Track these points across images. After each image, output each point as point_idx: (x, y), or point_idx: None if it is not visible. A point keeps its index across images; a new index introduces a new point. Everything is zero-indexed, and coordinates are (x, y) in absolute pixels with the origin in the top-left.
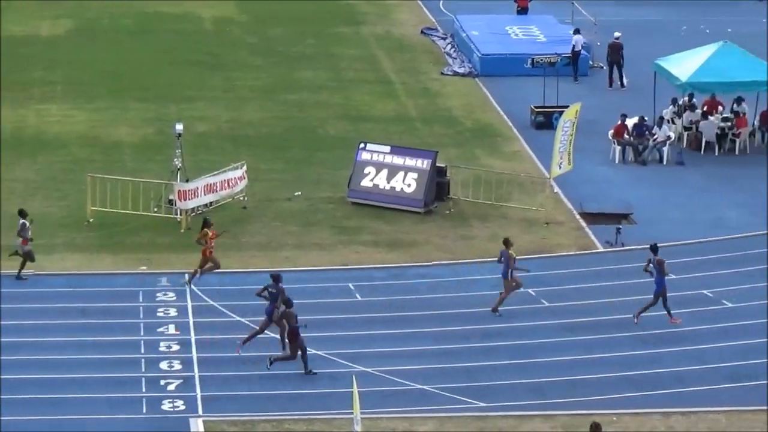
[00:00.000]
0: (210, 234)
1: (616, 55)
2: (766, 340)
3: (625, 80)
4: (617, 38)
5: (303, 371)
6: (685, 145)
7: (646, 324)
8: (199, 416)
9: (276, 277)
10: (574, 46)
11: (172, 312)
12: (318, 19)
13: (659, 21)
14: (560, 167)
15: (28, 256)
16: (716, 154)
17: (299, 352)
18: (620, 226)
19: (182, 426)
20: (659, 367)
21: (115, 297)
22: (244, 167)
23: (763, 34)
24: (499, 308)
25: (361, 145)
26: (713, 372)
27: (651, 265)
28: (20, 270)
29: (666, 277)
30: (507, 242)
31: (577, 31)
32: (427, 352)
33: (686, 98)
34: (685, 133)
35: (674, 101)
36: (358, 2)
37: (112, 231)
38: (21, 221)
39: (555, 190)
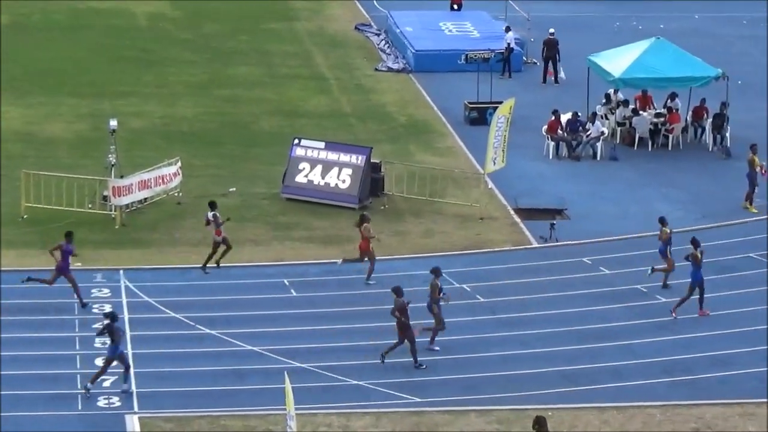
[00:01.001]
0: (371, 229)
1: (551, 50)
2: (699, 334)
3: (562, 74)
4: (552, 34)
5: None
6: (618, 141)
7: (581, 319)
8: (135, 412)
9: (435, 271)
10: (509, 43)
11: (108, 308)
12: (252, 15)
13: (592, 17)
14: (494, 163)
15: (225, 244)
16: (649, 149)
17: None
18: (554, 222)
19: (118, 422)
20: (594, 362)
21: (50, 293)
22: (179, 163)
23: (694, 30)
24: (668, 282)
25: (296, 141)
26: (648, 367)
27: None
28: (220, 257)
29: (700, 270)
30: (662, 220)
31: (508, 29)
32: (363, 347)
33: (611, 92)
34: (619, 129)
35: (607, 97)
36: None
37: (47, 227)
38: (212, 212)
39: (489, 186)
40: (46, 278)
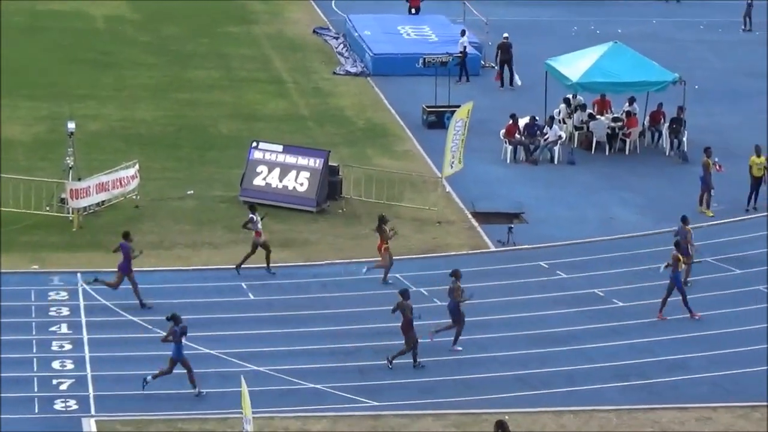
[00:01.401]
0: (388, 231)
1: (505, 54)
2: (655, 339)
3: (517, 80)
4: (506, 38)
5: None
6: (576, 145)
7: (538, 323)
8: (92, 416)
9: (455, 273)
10: (465, 47)
11: (65, 311)
12: (211, 18)
13: (550, 21)
14: (452, 166)
15: (264, 247)
16: (607, 153)
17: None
18: (512, 226)
19: (75, 425)
20: (550, 366)
21: (6, 296)
22: (137, 166)
23: (652, 34)
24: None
25: (254, 144)
26: (603, 371)
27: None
28: (268, 263)
29: (677, 273)
30: (684, 219)
31: (462, 33)
32: (320, 351)
33: (571, 96)
34: (576, 133)
35: (567, 101)
36: (251, 1)
37: (4, 230)
38: (249, 215)
39: (447, 190)
40: (111, 281)
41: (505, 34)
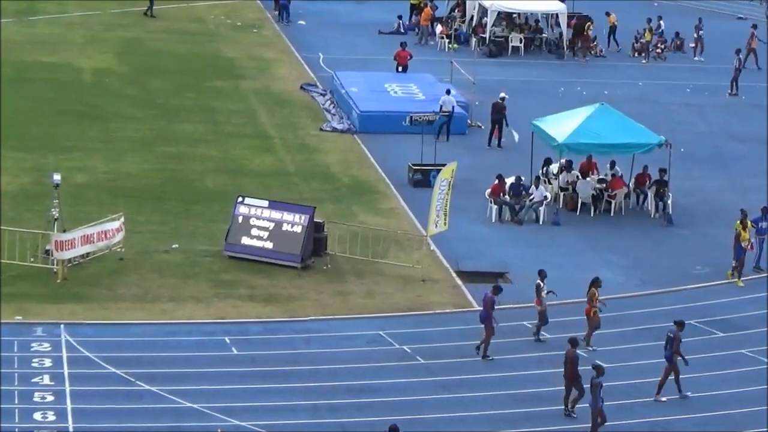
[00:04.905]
0: (597, 294)
1: (497, 114)
2: (638, 400)
3: (508, 138)
4: (502, 98)
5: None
6: (561, 206)
7: (521, 383)
8: None
9: (680, 324)
10: (454, 107)
11: (47, 362)
12: (198, 72)
13: (537, 81)
14: (437, 226)
15: (541, 317)
16: (592, 215)
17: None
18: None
19: None
20: (534, 425)
21: None
22: (122, 219)
23: (638, 97)
24: None
25: (239, 199)
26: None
27: None
28: (537, 332)
29: None
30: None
31: (447, 92)
32: (302, 407)
33: (563, 161)
34: (561, 194)
35: (548, 162)
36: (238, 57)
37: None
38: (537, 281)
39: (431, 248)
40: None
41: (502, 94)
